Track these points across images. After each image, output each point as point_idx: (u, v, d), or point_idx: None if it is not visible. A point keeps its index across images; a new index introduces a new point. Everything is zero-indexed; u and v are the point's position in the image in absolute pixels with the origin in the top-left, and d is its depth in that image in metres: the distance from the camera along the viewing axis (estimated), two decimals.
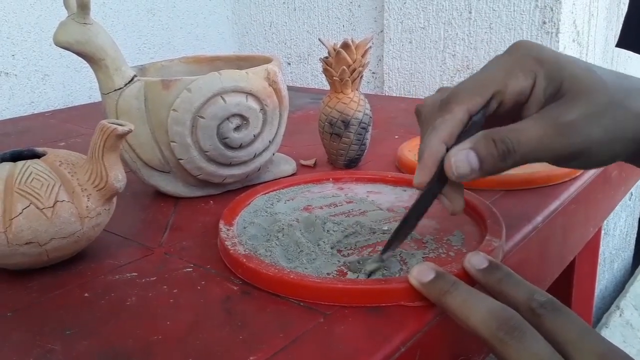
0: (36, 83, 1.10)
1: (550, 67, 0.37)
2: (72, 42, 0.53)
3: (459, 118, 0.38)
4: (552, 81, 0.37)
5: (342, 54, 0.61)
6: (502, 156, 0.36)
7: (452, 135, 0.38)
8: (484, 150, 0.36)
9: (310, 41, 1.30)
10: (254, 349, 0.34)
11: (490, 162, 0.36)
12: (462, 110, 0.38)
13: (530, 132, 0.36)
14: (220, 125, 0.56)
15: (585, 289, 0.85)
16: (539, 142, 0.36)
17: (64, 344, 0.36)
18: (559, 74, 0.37)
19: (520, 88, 0.37)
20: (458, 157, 0.37)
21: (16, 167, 0.44)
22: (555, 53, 0.38)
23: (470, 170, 0.37)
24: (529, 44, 0.39)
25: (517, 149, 0.36)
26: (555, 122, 0.36)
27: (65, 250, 0.45)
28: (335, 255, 0.44)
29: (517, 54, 0.39)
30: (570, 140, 0.36)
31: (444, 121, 0.38)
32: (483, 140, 0.36)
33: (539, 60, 0.37)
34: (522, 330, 0.32)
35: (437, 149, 0.38)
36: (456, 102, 0.38)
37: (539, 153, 0.36)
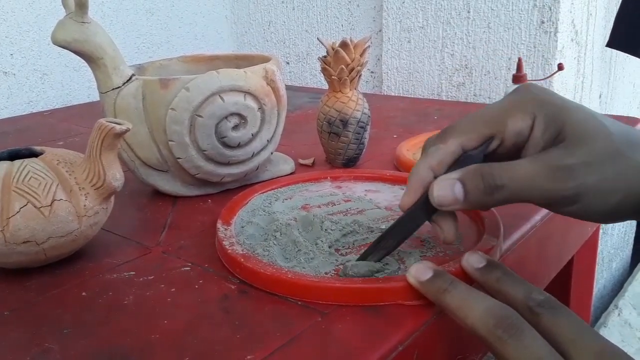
0: (35, 82, 1.10)
1: (551, 110, 0.37)
2: (70, 40, 0.53)
3: (451, 150, 0.38)
4: (551, 124, 0.36)
5: (341, 53, 0.61)
6: (489, 190, 0.36)
7: (441, 164, 0.38)
8: (470, 183, 0.36)
9: (308, 40, 1.30)
10: (251, 348, 0.34)
11: (476, 195, 0.36)
12: (455, 143, 0.38)
13: (523, 171, 0.35)
14: (219, 124, 0.56)
15: (583, 288, 0.85)
16: (530, 181, 0.35)
17: (61, 343, 0.36)
18: (559, 118, 0.36)
19: (519, 128, 0.37)
20: (441, 186, 0.37)
21: (14, 165, 0.44)
22: (561, 98, 0.38)
23: (453, 200, 0.37)
24: (534, 86, 0.39)
25: (506, 185, 0.35)
26: (550, 164, 0.35)
27: (62, 249, 0.45)
28: (333, 255, 0.44)
29: (520, 95, 0.38)
30: (564, 184, 0.35)
31: (436, 150, 0.39)
32: (471, 173, 0.37)
33: (540, 103, 0.37)
34: (520, 329, 0.32)
35: (424, 175, 0.39)
36: (451, 135, 0.39)
37: (530, 192, 0.35)
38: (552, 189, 0.35)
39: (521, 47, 0.96)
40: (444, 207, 0.38)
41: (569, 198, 0.35)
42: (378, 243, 0.42)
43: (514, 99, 0.39)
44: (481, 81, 1.02)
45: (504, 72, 0.99)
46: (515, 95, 0.39)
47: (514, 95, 0.39)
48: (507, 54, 0.98)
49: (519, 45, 0.96)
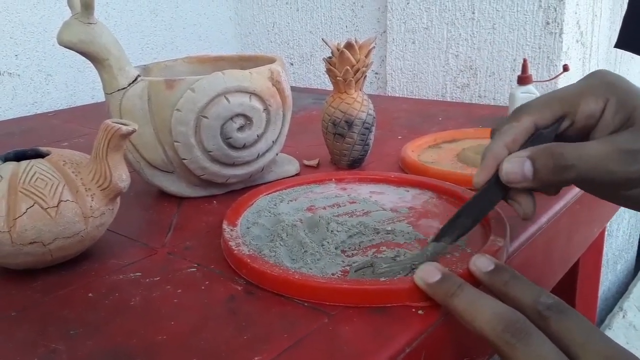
0: (39, 83, 1.10)
1: (623, 95, 0.38)
2: (76, 41, 0.53)
3: (524, 126, 0.39)
4: (622, 108, 0.37)
5: (346, 54, 0.61)
6: (557, 169, 0.37)
7: (516, 141, 0.39)
8: (540, 161, 0.37)
9: (313, 41, 1.30)
10: (258, 349, 0.34)
11: (545, 174, 0.37)
12: (529, 120, 0.39)
13: (593, 152, 0.36)
14: (224, 125, 0.55)
15: (588, 291, 0.85)
16: (598, 162, 0.36)
17: (68, 343, 0.36)
18: (630, 103, 0.37)
19: (591, 111, 0.38)
20: (511, 163, 0.38)
21: (20, 166, 0.44)
22: (633, 86, 0.39)
23: (522, 177, 0.38)
24: (606, 72, 0.40)
25: (575, 165, 0.36)
26: (619, 147, 0.36)
27: (69, 250, 0.45)
28: (339, 256, 0.44)
29: (594, 79, 0.40)
30: (631, 167, 0.36)
31: (510, 127, 0.40)
32: (541, 151, 0.37)
33: (613, 87, 0.38)
34: (528, 333, 0.31)
35: (498, 152, 0.39)
36: (525, 113, 0.40)
37: (598, 173, 0.36)
38: (619, 170, 0.36)
39: (526, 48, 0.96)
40: (513, 184, 0.38)
41: (631, 181, 0.36)
42: (452, 223, 0.42)
43: (589, 82, 0.40)
44: (486, 82, 1.02)
45: (509, 73, 0.99)
46: (590, 78, 0.40)
47: (588, 79, 0.40)
48: (512, 55, 0.98)
49: (524, 47, 0.96)
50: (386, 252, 0.44)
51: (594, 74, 0.40)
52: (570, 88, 0.40)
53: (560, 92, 0.40)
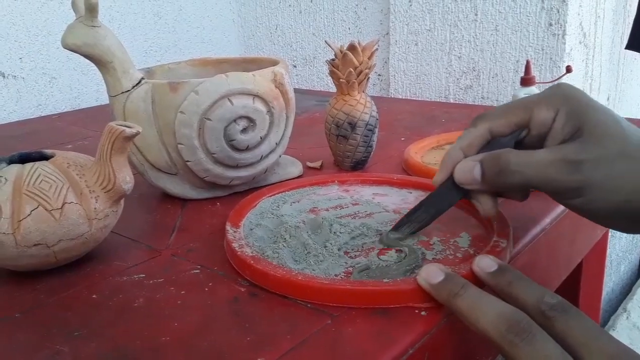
0: (43, 86, 1.11)
1: (574, 107, 0.39)
2: (80, 44, 0.53)
3: (479, 133, 0.42)
4: (571, 119, 0.39)
5: (349, 56, 0.61)
6: (503, 174, 0.39)
7: (471, 145, 0.42)
8: (488, 165, 0.40)
9: (315, 44, 1.30)
10: (261, 350, 0.34)
11: (490, 176, 0.40)
12: (484, 127, 0.42)
13: (538, 159, 0.38)
14: (227, 127, 0.56)
15: (592, 292, 0.85)
16: (542, 169, 0.38)
17: (71, 345, 0.37)
18: (581, 115, 0.39)
19: (542, 119, 0.40)
20: (463, 165, 0.42)
21: (24, 168, 0.44)
22: (588, 98, 0.40)
23: (471, 179, 0.41)
24: (567, 85, 0.41)
25: (519, 171, 0.38)
26: (563, 157, 0.38)
27: (73, 251, 0.45)
28: (342, 257, 0.44)
29: (551, 90, 0.41)
30: (571, 176, 0.37)
31: (467, 133, 0.43)
32: (490, 156, 0.40)
33: (566, 99, 0.40)
34: (532, 333, 0.31)
35: (454, 155, 0.43)
36: (481, 120, 0.43)
37: (540, 180, 0.38)
38: (559, 179, 0.38)
39: (529, 50, 0.96)
40: (464, 185, 0.42)
41: (574, 190, 0.38)
42: (410, 215, 0.46)
43: (545, 93, 0.42)
44: (489, 84, 1.02)
45: (512, 74, 0.99)
46: (547, 90, 0.42)
47: (546, 91, 0.42)
48: (515, 57, 0.98)
49: (527, 48, 0.96)
50: (389, 253, 0.44)
51: (554, 86, 0.42)
52: (528, 97, 0.42)
53: (519, 101, 0.42)
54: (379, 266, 0.42)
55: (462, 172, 0.41)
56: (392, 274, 0.41)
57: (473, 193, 0.43)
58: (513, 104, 0.42)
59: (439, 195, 0.44)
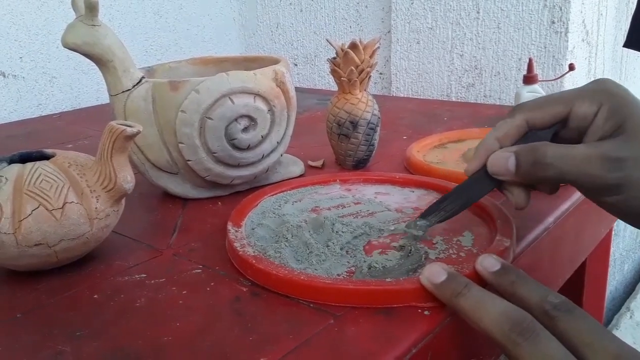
0: (44, 85, 1.11)
1: (617, 102, 0.38)
2: (80, 43, 0.53)
3: (516, 123, 0.41)
4: (614, 115, 0.38)
5: (350, 55, 0.61)
6: (537, 166, 0.38)
7: (507, 136, 0.41)
8: (523, 156, 0.39)
9: (316, 42, 1.30)
10: (264, 350, 0.34)
11: (525, 168, 0.39)
12: (521, 117, 0.41)
13: (576, 154, 0.38)
14: (229, 126, 0.55)
15: (596, 291, 0.84)
16: (579, 164, 0.37)
17: (73, 345, 0.36)
18: (623, 111, 0.38)
19: (583, 113, 0.39)
20: (497, 156, 0.41)
21: (25, 168, 0.44)
22: (631, 96, 0.39)
23: (505, 170, 0.40)
24: (609, 80, 0.41)
25: (554, 164, 0.38)
26: (602, 153, 0.37)
27: (74, 251, 0.45)
28: (344, 256, 0.44)
29: (593, 85, 0.41)
30: (610, 173, 0.36)
31: (504, 123, 0.42)
32: (527, 148, 0.39)
33: (609, 94, 0.39)
34: (535, 332, 0.31)
35: (490, 144, 0.42)
36: (519, 111, 0.42)
37: (576, 175, 0.37)
38: (598, 175, 0.37)
39: (531, 48, 0.95)
40: (497, 176, 0.41)
41: (612, 188, 0.37)
42: (440, 204, 0.45)
43: (587, 87, 0.41)
44: (491, 82, 1.01)
45: (514, 72, 0.98)
46: (591, 84, 0.41)
47: (589, 84, 0.41)
48: (517, 55, 0.97)
49: (529, 46, 0.95)
50: (391, 252, 0.44)
51: (596, 80, 0.41)
52: (569, 91, 0.41)
53: (559, 93, 0.41)
54: (383, 266, 0.42)
55: (497, 163, 0.41)
56: (395, 273, 0.41)
57: (505, 184, 0.42)
58: (553, 96, 0.41)
59: (470, 185, 0.44)
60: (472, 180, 0.43)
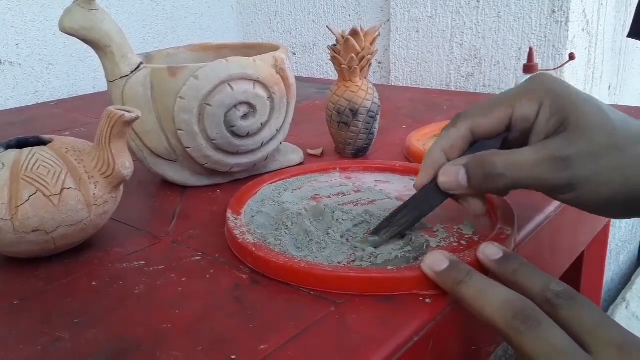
0: (40, 72, 1.10)
1: (558, 99, 0.37)
2: (78, 28, 0.52)
3: (461, 133, 0.40)
4: (556, 113, 0.37)
5: (351, 42, 0.61)
6: (488, 178, 0.38)
7: (453, 147, 0.40)
8: (473, 170, 0.38)
9: (315, 31, 1.29)
10: (264, 337, 0.34)
11: (477, 182, 0.38)
12: (465, 126, 0.40)
13: (523, 160, 0.37)
14: (228, 113, 0.55)
15: (593, 281, 0.85)
16: (529, 170, 0.37)
17: (72, 332, 0.36)
18: (565, 108, 0.37)
19: (525, 114, 0.38)
20: (447, 171, 0.40)
21: (22, 154, 0.43)
22: (571, 89, 0.38)
23: (457, 185, 0.39)
24: (547, 76, 0.40)
25: (504, 174, 0.37)
26: (550, 154, 0.36)
27: (72, 238, 0.44)
28: (345, 244, 0.43)
29: (531, 83, 0.40)
30: (559, 174, 0.36)
31: (448, 133, 0.41)
32: (474, 160, 0.39)
33: (549, 91, 0.38)
34: (538, 320, 0.31)
35: (436, 157, 0.41)
36: (461, 119, 0.40)
37: (528, 181, 0.37)
38: (548, 178, 0.36)
39: (531, 37, 0.95)
40: (450, 191, 0.40)
41: (563, 187, 0.36)
42: (391, 219, 0.43)
43: (525, 86, 0.40)
44: (491, 71, 1.01)
45: (514, 62, 0.98)
46: (527, 82, 0.40)
47: (525, 83, 0.40)
48: (517, 44, 0.97)
49: (530, 35, 0.95)
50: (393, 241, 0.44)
51: (533, 77, 0.40)
52: (509, 92, 0.40)
53: (499, 96, 0.40)
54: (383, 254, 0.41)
55: (447, 178, 0.40)
56: (396, 261, 0.40)
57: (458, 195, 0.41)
58: (493, 100, 0.40)
59: (421, 199, 0.42)
60: (423, 194, 0.42)
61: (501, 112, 0.39)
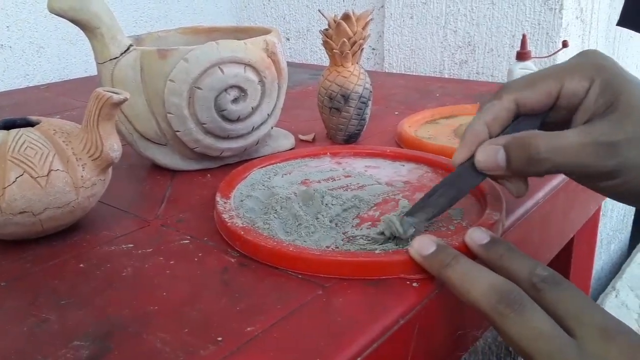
0: (31, 55, 1.09)
1: (609, 77, 0.36)
2: (67, 8, 0.51)
3: (505, 105, 0.38)
4: (606, 91, 0.36)
5: (343, 26, 0.60)
6: (531, 161, 0.36)
7: (496, 120, 0.38)
8: (514, 152, 0.36)
9: (309, 16, 1.28)
10: (251, 319, 0.34)
11: (518, 165, 0.36)
12: (510, 99, 0.38)
13: (567, 144, 0.35)
14: (218, 96, 0.55)
15: (583, 269, 0.85)
16: (573, 155, 0.35)
17: (58, 313, 0.36)
18: (616, 87, 0.35)
19: (574, 89, 0.37)
20: (485, 151, 0.37)
21: (9, 135, 0.43)
22: (621, 69, 0.37)
23: (496, 166, 0.37)
24: (597, 52, 0.38)
25: (548, 159, 0.35)
26: (596, 139, 0.35)
27: (60, 220, 0.44)
28: (334, 229, 0.43)
29: (583, 58, 0.38)
30: (606, 161, 0.35)
31: (492, 105, 0.39)
32: (516, 142, 0.36)
33: (600, 68, 0.37)
34: (522, 304, 0.31)
35: (478, 130, 0.38)
36: (506, 91, 0.38)
37: (572, 166, 0.35)
38: (594, 164, 0.35)
39: (525, 24, 0.94)
40: (488, 172, 0.38)
41: (608, 174, 0.35)
42: (426, 199, 0.41)
43: (577, 61, 0.38)
44: (484, 59, 1.01)
45: (507, 49, 0.98)
46: (579, 57, 0.38)
47: (578, 57, 0.38)
48: (511, 31, 0.96)
49: (523, 22, 0.95)
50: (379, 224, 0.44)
51: (584, 53, 0.39)
52: (557, 66, 0.38)
53: (547, 69, 0.38)
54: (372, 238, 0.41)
55: (485, 159, 0.37)
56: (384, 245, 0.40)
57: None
58: (541, 73, 0.38)
59: (459, 177, 0.40)
60: (461, 171, 0.39)
61: (550, 86, 0.37)
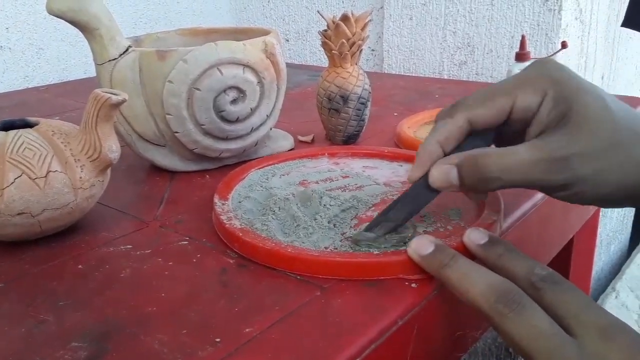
0: (30, 57, 1.09)
1: (562, 89, 0.36)
2: (65, 10, 0.51)
3: (458, 124, 0.38)
4: (559, 104, 0.36)
5: (342, 27, 0.60)
6: (481, 181, 0.36)
7: (449, 139, 0.39)
8: (465, 171, 0.37)
9: (308, 17, 1.28)
10: (249, 320, 0.34)
11: (470, 183, 0.37)
12: (462, 117, 0.38)
13: (518, 161, 0.35)
14: (217, 97, 0.55)
15: (582, 270, 0.85)
16: (526, 172, 0.35)
17: (56, 315, 0.36)
18: (568, 100, 0.35)
19: (527, 104, 0.37)
20: (439, 170, 0.38)
21: (8, 136, 0.43)
22: (576, 78, 0.37)
23: (449, 185, 0.38)
24: (551, 63, 0.38)
25: (499, 177, 0.36)
26: (548, 155, 0.35)
27: (58, 221, 0.44)
28: (332, 230, 0.43)
29: (535, 70, 0.38)
30: (557, 175, 0.35)
31: (444, 124, 0.39)
32: (468, 161, 0.37)
33: (553, 80, 0.36)
34: (521, 303, 0.31)
35: (431, 149, 0.39)
36: (459, 109, 0.38)
37: (524, 182, 0.36)
38: (545, 179, 0.35)
39: (524, 25, 0.94)
40: (442, 190, 0.39)
41: (560, 187, 0.35)
42: (385, 214, 0.42)
43: (528, 75, 0.38)
44: (483, 60, 1.01)
45: (507, 50, 0.98)
46: (530, 70, 0.38)
47: (528, 70, 0.38)
48: (510, 32, 0.96)
49: (523, 23, 0.95)
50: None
51: (536, 64, 0.38)
52: (510, 80, 0.38)
53: (499, 84, 0.38)
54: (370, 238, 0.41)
55: (439, 177, 0.38)
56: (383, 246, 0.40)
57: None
58: (493, 89, 0.38)
59: (415, 193, 0.41)
60: (417, 188, 0.40)
61: (502, 103, 0.37)
